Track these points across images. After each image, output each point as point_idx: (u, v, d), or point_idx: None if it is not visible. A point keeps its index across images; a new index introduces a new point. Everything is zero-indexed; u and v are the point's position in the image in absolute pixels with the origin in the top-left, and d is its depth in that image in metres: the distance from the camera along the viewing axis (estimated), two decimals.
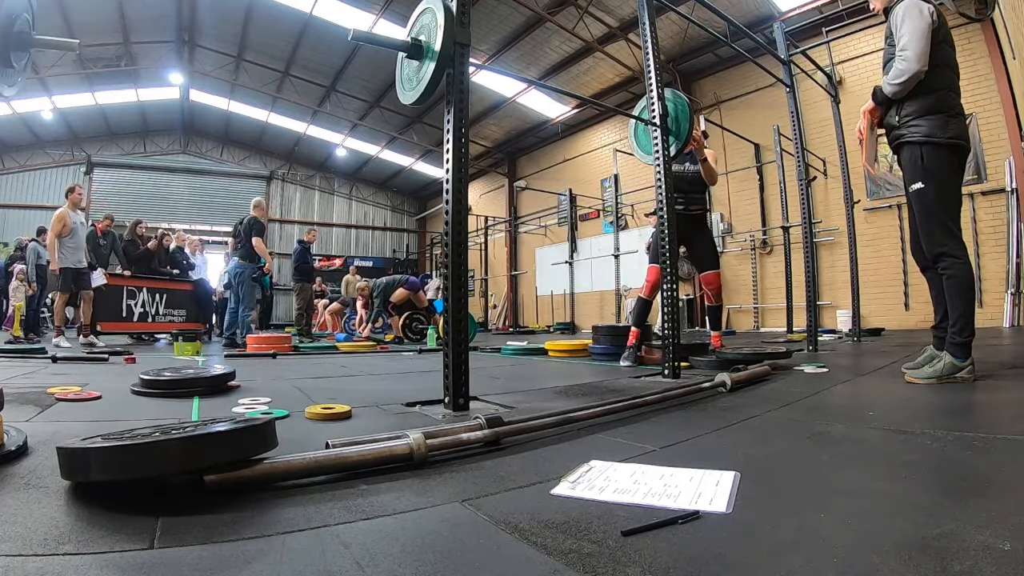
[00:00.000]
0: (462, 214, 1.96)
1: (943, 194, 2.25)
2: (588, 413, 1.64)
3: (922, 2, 2.26)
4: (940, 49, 2.24)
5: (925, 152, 2.23)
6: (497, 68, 9.42)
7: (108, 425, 1.60)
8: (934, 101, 2.23)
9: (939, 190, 2.24)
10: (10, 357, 4.05)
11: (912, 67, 2.17)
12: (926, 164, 2.23)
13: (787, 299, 6.78)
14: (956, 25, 7.20)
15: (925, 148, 2.23)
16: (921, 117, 2.24)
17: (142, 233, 8.18)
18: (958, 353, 2.22)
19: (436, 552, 0.76)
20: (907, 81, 2.22)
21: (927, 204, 2.28)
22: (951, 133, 2.22)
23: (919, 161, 2.25)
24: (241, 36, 11.92)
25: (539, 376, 3.28)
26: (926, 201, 2.27)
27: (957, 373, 2.21)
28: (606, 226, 12.47)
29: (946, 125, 2.21)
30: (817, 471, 1.13)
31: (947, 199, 2.26)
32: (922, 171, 2.24)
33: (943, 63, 2.25)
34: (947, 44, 2.29)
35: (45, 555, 0.73)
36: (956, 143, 2.23)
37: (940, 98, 2.23)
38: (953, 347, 2.24)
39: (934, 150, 2.22)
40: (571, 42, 10.44)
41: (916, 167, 2.27)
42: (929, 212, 2.28)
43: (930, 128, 2.21)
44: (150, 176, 17.06)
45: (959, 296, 2.24)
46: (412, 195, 21.22)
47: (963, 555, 0.68)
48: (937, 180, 2.24)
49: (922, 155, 2.24)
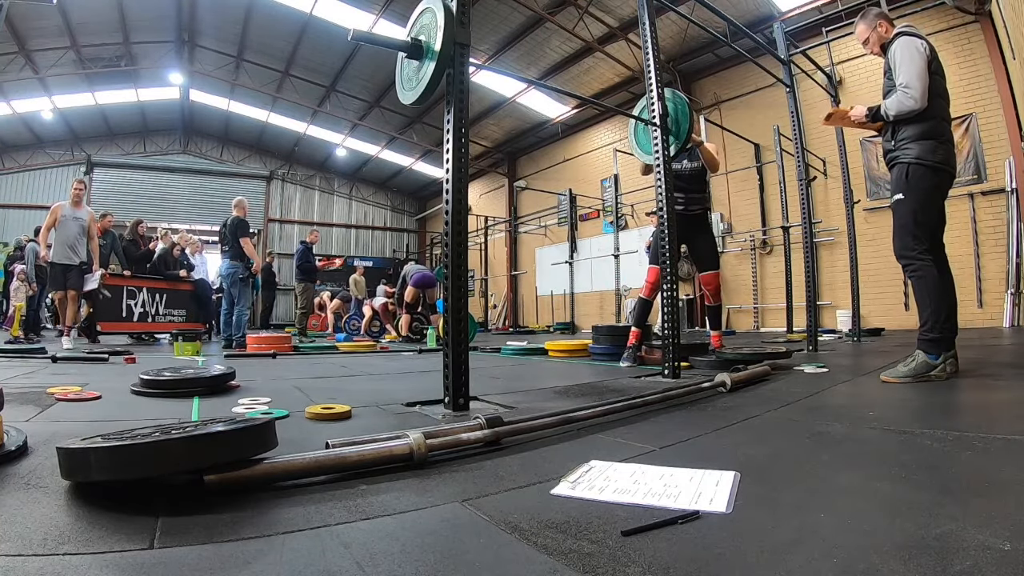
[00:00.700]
0: (462, 214, 1.95)
1: (919, 209, 2.43)
2: (588, 413, 1.64)
3: (915, 39, 2.44)
4: (933, 80, 2.42)
5: (911, 170, 2.43)
6: (497, 68, 9.41)
7: (108, 425, 1.60)
8: (927, 128, 2.41)
9: (916, 205, 2.43)
10: (10, 357, 4.05)
11: (916, 106, 2.37)
12: (909, 179, 2.44)
13: (787, 299, 6.78)
14: (955, 25, 7.22)
15: (912, 167, 2.43)
16: (914, 142, 2.42)
17: (143, 233, 8.18)
18: (930, 350, 2.35)
19: (436, 552, 0.76)
20: (908, 115, 2.41)
21: (903, 215, 2.47)
22: (939, 158, 2.40)
23: (904, 177, 2.45)
24: (241, 36, 11.92)
25: (539, 376, 3.28)
26: (903, 212, 2.47)
27: (931, 372, 2.32)
28: (606, 226, 12.47)
29: (935, 150, 2.40)
30: (817, 471, 1.13)
31: (922, 215, 2.44)
32: (904, 184, 2.45)
33: (936, 93, 2.42)
34: (939, 75, 2.47)
35: (45, 555, 0.73)
36: (942, 168, 2.42)
37: (933, 126, 2.42)
38: (924, 343, 2.37)
39: (921, 170, 2.42)
40: (571, 42, 10.44)
41: (900, 181, 2.47)
42: (904, 223, 2.47)
43: (920, 151, 2.40)
44: (150, 176, 17.06)
45: (927, 295, 2.39)
46: (412, 195, 21.22)
47: (963, 555, 0.68)
48: (916, 195, 2.43)
49: (908, 172, 2.44)
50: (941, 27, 7.24)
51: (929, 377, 2.31)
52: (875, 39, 2.61)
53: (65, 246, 5.59)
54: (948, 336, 2.36)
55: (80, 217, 5.73)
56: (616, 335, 4.33)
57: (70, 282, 5.62)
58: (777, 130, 7.45)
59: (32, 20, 10.48)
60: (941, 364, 2.32)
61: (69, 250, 5.61)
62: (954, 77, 3.21)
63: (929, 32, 6.87)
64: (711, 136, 9.48)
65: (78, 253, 5.68)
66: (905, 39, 2.45)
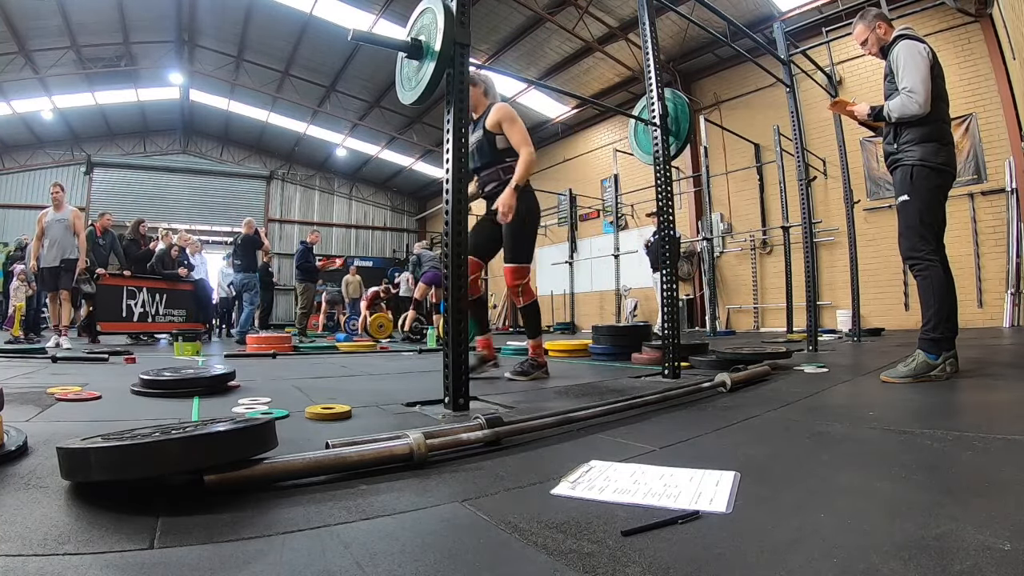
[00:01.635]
0: (462, 214, 1.95)
1: (925, 209, 2.44)
2: (588, 413, 1.64)
3: (916, 43, 2.46)
4: (935, 84, 2.43)
5: (916, 172, 2.45)
6: (497, 68, 9.39)
7: (108, 425, 1.60)
8: (929, 131, 2.43)
9: (922, 205, 2.44)
10: (10, 357, 4.05)
11: (920, 111, 2.39)
12: (914, 181, 2.45)
13: (787, 299, 6.78)
14: (956, 25, 7.22)
15: (916, 168, 2.44)
16: (917, 144, 2.44)
17: (144, 233, 8.17)
18: (930, 350, 2.35)
19: (436, 552, 0.76)
20: (912, 118, 2.43)
21: (909, 215, 2.47)
22: (941, 159, 2.43)
23: (909, 178, 2.46)
24: (241, 36, 11.92)
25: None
26: (909, 212, 2.47)
27: (931, 372, 2.32)
28: (606, 226, 12.47)
29: (938, 152, 2.42)
30: (817, 471, 1.13)
31: (928, 214, 2.44)
32: (910, 186, 2.46)
33: (937, 96, 2.44)
34: (940, 78, 2.48)
35: (45, 555, 0.73)
36: (944, 169, 2.44)
37: (935, 129, 2.44)
38: (924, 343, 2.37)
39: (925, 171, 2.43)
40: (571, 42, 10.44)
41: (905, 183, 2.48)
42: (911, 224, 2.47)
43: (924, 153, 2.42)
44: (150, 176, 17.07)
45: (932, 294, 2.40)
46: (412, 195, 21.22)
47: (963, 555, 0.68)
48: (922, 196, 2.44)
49: (912, 174, 2.45)
50: (941, 27, 7.24)
51: (929, 377, 2.31)
52: (874, 40, 2.62)
53: (51, 249, 5.67)
54: (949, 336, 2.37)
55: (63, 218, 5.78)
56: (616, 335, 4.33)
57: (60, 283, 5.69)
58: (777, 130, 7.45)
59: (32, 20, 10.48)
60: (941, 364, 2.33)
61: (56, 251, 5.67)
62: (954, 77, 3.21)
63: (929, 32, 6.89)
64: (711, 136, 9.49)
65: (65, 252, 5.72)
66: (908, 43, 2.46)
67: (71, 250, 5.76)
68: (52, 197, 5.79)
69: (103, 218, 7.27)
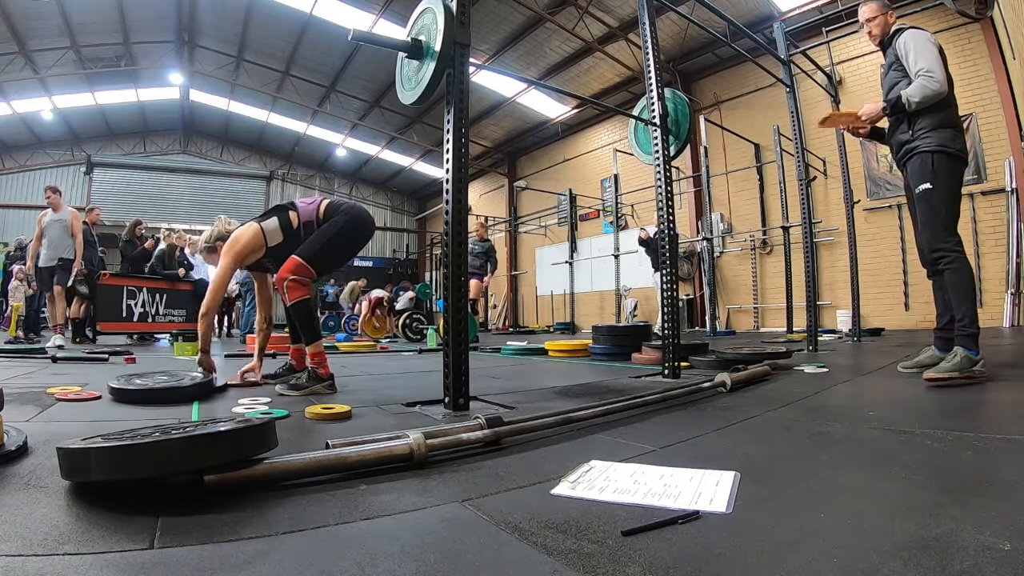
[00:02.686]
0: (462, 214, 1.96)
1: (948, 196, 2.39)
2: (588, 413, 1.64)
3: (922, 31, 2.46)
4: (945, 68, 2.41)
5: (936, 159, 2.39)
6: (497, 68, 9.40)
7: (108, 425, 1.60)
8: (945, 117, 2.40)
9: (946, 192, 2.39)
10: (10, 357, 4.05)
11: (940, 88, 2.35)
12: (936, 168, 2.40)
13: (787, 299, 6.78)
14: (956, 25, 7.21)
15: (937, 155, 2.39)
16: (934, 130, 2.40)
17: (141, 233, 8.17)
18: (970, 345, 2.27)
19: (436, 552, 0.76)
20: (933, 99, 2.38)
21: (933, 204, 2.41)
22: (959, 145, 2.40)
23: (930, 165, 2.40)
24: (241, 36, 11.92)
25: (539, 376, 3.28)
26: (932, 201, 2.41)
27: (974, 367, 2.23)
28: (606, 226, 12.47)
29: (955, 138, 2.40)
30: (817, 471, 1.13)
31: (950, 202, 2.40)
32: (931, 173, 2.39)
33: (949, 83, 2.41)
34: (946, 65, 2.46)
35: (45, 555, 0.73)
36: (961, 156, 2.41)
37: (950, 115, 2.42)
38: (964, 339, 2.29)
39: (945, 158, 2.38)
40: (571, 42, 10.44)
41: (926, 170, 2.41)
42: (934, 211, 2.41)
43: (942, 139, 2.38)
44: (150, 176, 17.07)
45: (964, 289, 2.34)
46: (412, 195, 21.22)
47: (963, 555, 0.68)
48: (944, 183, 2.39)
49: (933, 161, 2.40)
50: (941, 27, 7.23)
51: (973, 373, 2.20)
52: (881, 23, 2.59)
53: (49, 249, 5.84)
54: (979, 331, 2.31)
55: (61, 219, 5.94)
56: (616, 335, 4.33)
57: (56, 279, 5.85)
58: (777, 130, 7.45)
59: (32, 20, 10.48)
60: (982, 359, 2.24)
61: (53, 251, 5.85)
62: (954, 77, 3.19)
63: None
64: (711, 136, 9.49)
65: (61, 252, 5.90)
66: (914, 30, 2.46)
67: (67, 250, 5.93)
68: (48, 202, 5.95)
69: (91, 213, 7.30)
